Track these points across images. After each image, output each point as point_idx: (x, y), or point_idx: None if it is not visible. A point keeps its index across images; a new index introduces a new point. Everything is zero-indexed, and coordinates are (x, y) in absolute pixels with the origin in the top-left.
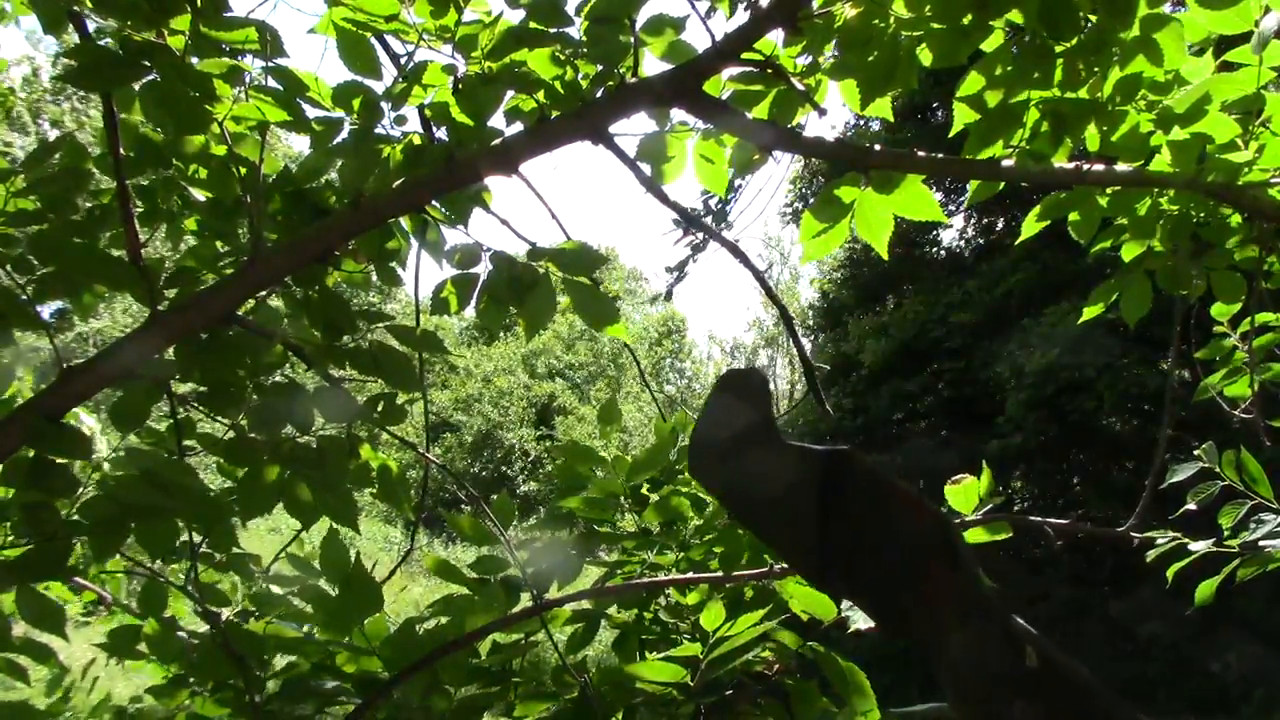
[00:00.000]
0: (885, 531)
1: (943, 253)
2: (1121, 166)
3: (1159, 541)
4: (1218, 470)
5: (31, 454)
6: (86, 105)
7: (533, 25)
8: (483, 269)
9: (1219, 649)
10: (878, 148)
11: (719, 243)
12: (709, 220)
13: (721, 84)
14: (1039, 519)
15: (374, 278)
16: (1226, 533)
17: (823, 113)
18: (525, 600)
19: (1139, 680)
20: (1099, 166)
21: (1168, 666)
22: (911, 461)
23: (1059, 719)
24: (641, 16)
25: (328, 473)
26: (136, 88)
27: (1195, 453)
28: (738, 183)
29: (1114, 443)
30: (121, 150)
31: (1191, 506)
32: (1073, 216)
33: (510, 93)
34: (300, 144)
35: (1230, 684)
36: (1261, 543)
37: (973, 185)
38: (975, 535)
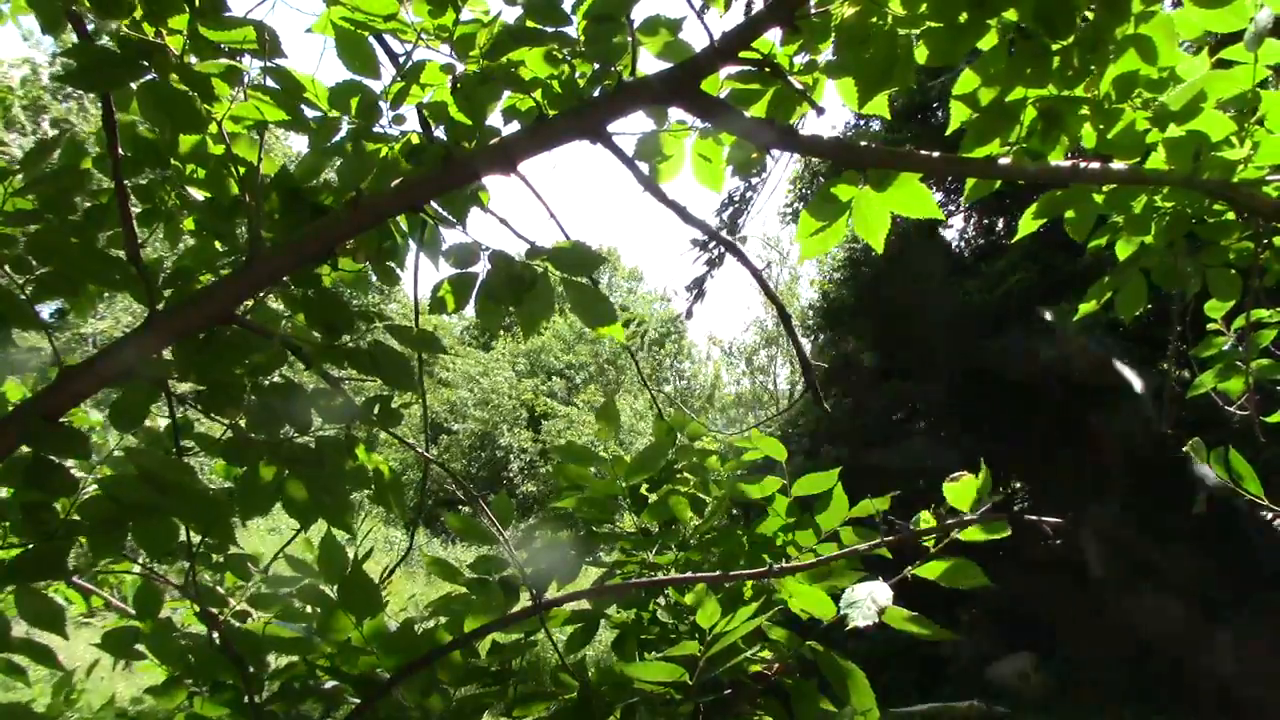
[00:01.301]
0: None
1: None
2: (1117, 164)
3: None
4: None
5: (31, 454)
6: (90, 103)
7: (530, 24)
8: (481, 268)
9: (1219, 649)
10: (874, 146)
11: (719, 242)
12: (723, 232)
13: (719, 83)
14: (1037, 518)
15: (372, 277)
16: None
17: (820, 111)
18: (524, 600)
19: (1139, 680)
20: (1095, 164)
21: (1168, 666)
22: (911, 461)
23: None
24: (638, 15)
25: (326, 473)
26: (135, 87)
27: (1184, 449)
28: (750, 195)
29: None
30: (120, 150)
31: None
32: (1069, 214)
33: (508, 92)
34: (298, 143)
35: (1230, 684)
36: None
37: (969, 183)
38: (973, 534)
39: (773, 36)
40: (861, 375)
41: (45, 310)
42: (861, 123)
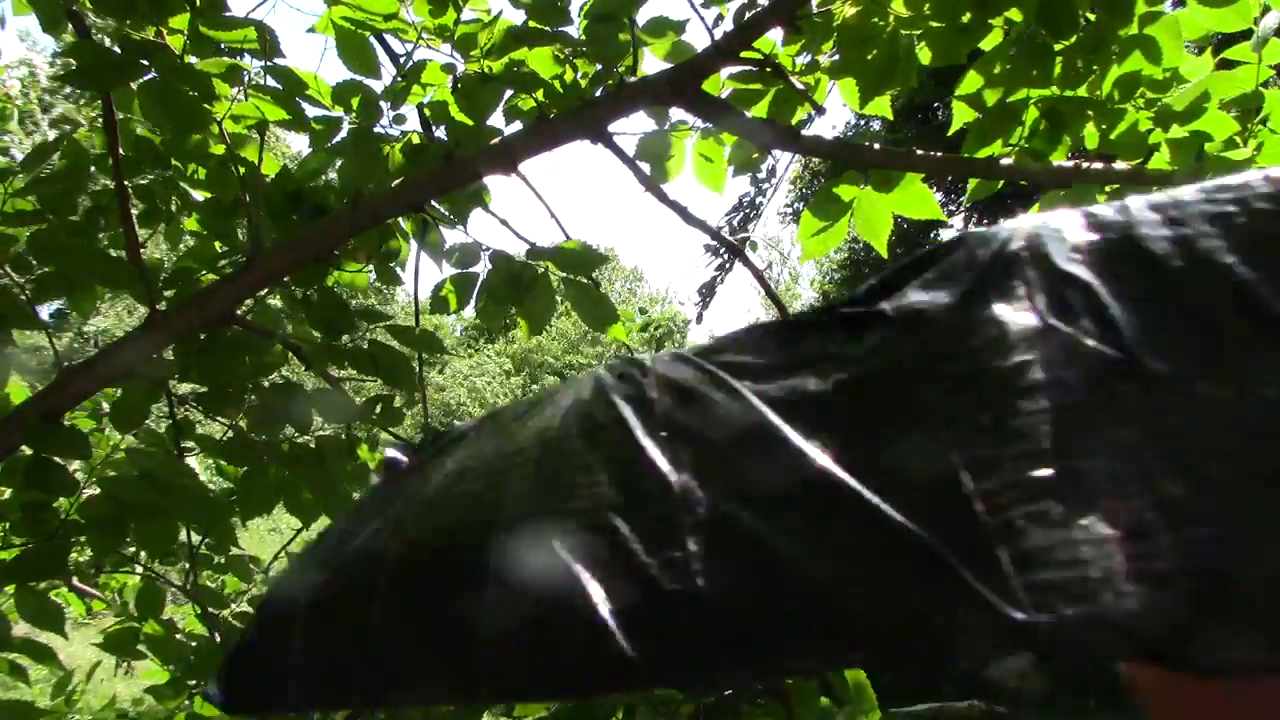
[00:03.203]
0: None
1: None
2: (1120, 164)
3: None
4: None
5: (31, 454)
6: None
7: (532, 24)
8: (482, 268)
9: None
10: (877, 146)
11: (720, 243)
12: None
13: (721, 83)
14: None
15: (373, 277)
16: None
17: (822, 111)
18: None
19: None
20: (1098, 165)
21: None
22: None
23: None
24: (642, 16)
25: (327, 473)
26: (135, 87)
27: None
28: (759, 201)
29: None
30: (120, 150)
31: None
32: None
33: (509, 92)
34: (299, 144)
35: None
36: None
37: (971, 183)
38: None
39: (774, 36)
40: None
41: (45, 310)
42: (861, 122)
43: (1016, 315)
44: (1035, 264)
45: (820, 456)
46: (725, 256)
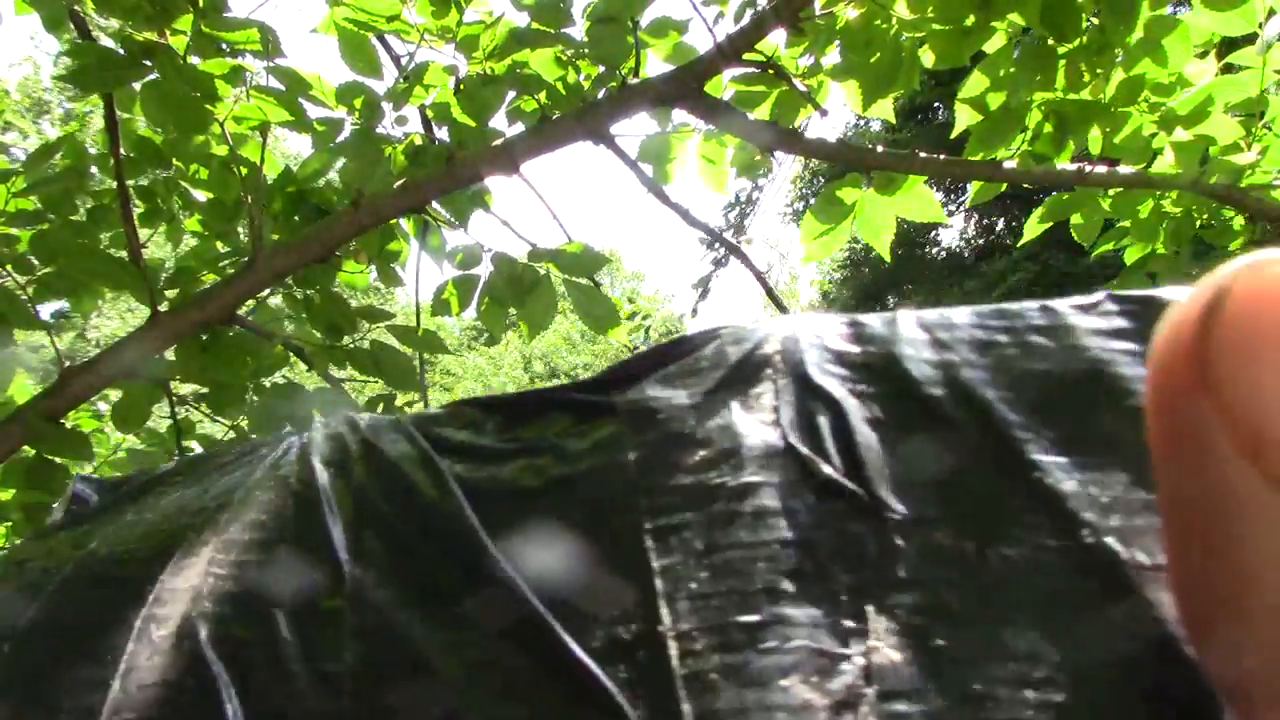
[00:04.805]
0: None
1: (943, 253)
2: (1124, 168)
3: None
4: None
5: (32, 454)
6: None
7: (535, 26)
8: (484, 270)
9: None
10: (880, 149)
11: (720, 243)
12: (729, 232)
13: (723, 85)
14: None
15: (374, 278)
16: None
17: (824, 113)
18: None
19: None
20: (1101, 168)
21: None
22: None
23: None
24: (646, 18)
25: None
26: (137, 87)
27: None
28: (756, 195)
29: None
30: (122, 150)
31: None
32: (1075, 219)
33: (512, 93)
34: (300, 145)
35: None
36: None
37: (974, 186)
38: None
39: (777, 38)
40: None
41: (47, 310)
42: (861, 122)
43: (755, 429)
44: (787, 372)
45: (512, 574)
46: (720, 252)
